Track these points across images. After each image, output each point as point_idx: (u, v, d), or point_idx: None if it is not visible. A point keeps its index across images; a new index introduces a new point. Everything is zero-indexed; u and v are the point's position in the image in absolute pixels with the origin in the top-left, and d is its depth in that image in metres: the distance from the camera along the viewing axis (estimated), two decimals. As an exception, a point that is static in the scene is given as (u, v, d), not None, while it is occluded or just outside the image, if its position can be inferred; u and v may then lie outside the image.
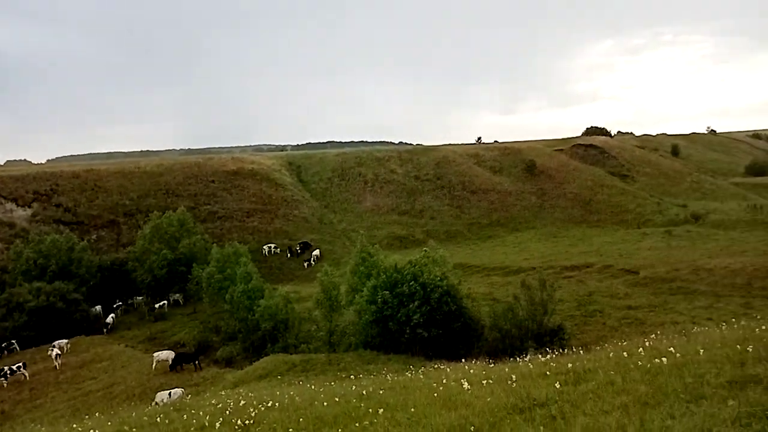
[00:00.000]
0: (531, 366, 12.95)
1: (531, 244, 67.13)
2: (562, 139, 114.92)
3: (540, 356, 16.14)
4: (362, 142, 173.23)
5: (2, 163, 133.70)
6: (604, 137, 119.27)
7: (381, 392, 13.35)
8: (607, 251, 55.99)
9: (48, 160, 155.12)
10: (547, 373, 11.13)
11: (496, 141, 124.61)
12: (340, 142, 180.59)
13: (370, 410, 11.03)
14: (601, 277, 45.84)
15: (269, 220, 70.48)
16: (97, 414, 19.80)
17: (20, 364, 35.78)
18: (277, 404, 14.13)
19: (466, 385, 10.98)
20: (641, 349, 11.55)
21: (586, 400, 8.14)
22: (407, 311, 28.80)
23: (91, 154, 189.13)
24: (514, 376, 11.00)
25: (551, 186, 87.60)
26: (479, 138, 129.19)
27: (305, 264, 61.37)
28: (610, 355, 12.02)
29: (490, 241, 72.11)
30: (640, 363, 9.78)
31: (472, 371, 14.39)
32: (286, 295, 39.11)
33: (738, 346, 9.35)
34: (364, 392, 13.66)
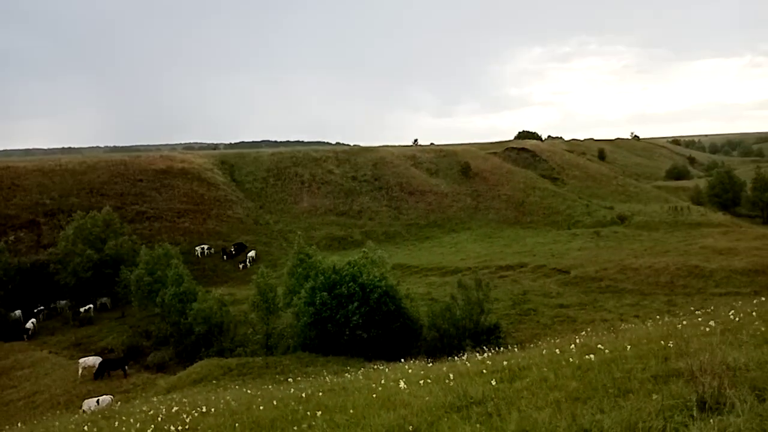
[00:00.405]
0: (468, 364, 13.17)
1: (467, 244, 68.39)
2: (496, 142, 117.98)
3: (477, 354, 16.47)
4: (298, 141, 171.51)
5: None
6: (535, 141, 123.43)
7: (320, 394, 13.22)
8: (539, 251, 57.81)
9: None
10: (484, 371, 11.32)
11: (432, 143, 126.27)
12: (275, 141, 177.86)
13: (309, 413, 10.88)
14: (535, 276, 47.34)
15: (202, 221, 68.58)
16: (18, 424, 18.75)
17: (-72, 374, 33.29)
18: (212, 410, 13.77)
19: (403, 384, 11.02)
20: (573, 345, 11.95)
21: (520, 396, 8.33)
22: (346, 312, 28.75)
23: (6, 150, 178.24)
24: (451, 375, 11.13)
25: (486, 188, 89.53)
26: (416, 140, 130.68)
27: (240, 266, 60.13)
28: (544, 352, 12.39)
29: (428, 241, 72.96)
30: (571, 359, 10.11)
31: (410, 371, 14.48)
32: (221, 297, 38.30)
33: (662, 342, 9.84)
34: (303, 395, 13.48)
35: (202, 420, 12.68)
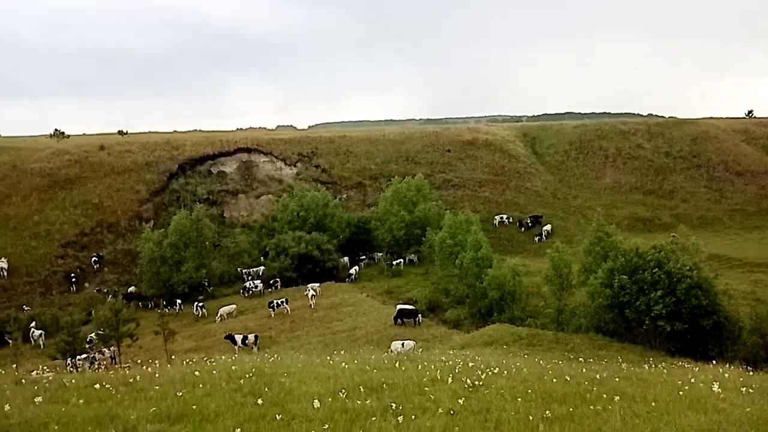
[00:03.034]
0: (806, 382, 11.15)
1: (812, 240, 56.33)
2: None
3: (818, 373, 13.77)
4: (604, 113, 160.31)
5: (274, 128, 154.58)
6: None
7: (616, 380, 12.79)
8: None
9: (309, 126, 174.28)
10: (829, 393, 9.49)
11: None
12: (579, 113, 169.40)
13: (604, 396, 10.68)
14: None
15: (501, 191, 70.57)
16: (342, 352, 22.26)
17: (284, 299, 42.02)
18: (504, 372, 14.38)
19: (717, 388, 9.97)
20: None
21: None
22: (648, 300, 26.78)
23: (343, 122, 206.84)
24: (782, 390, 9.64)
25: None
26: (750, 111, 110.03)
27: (535, 238, 60.40)
28: None
29: (757, 232, 62.38)
30: None
31: (726, 375, 12.90)
32: (514, 267, 39.05)
33: None
34: (597, 377, 13.21)
35: (495, 380, 13.37)
